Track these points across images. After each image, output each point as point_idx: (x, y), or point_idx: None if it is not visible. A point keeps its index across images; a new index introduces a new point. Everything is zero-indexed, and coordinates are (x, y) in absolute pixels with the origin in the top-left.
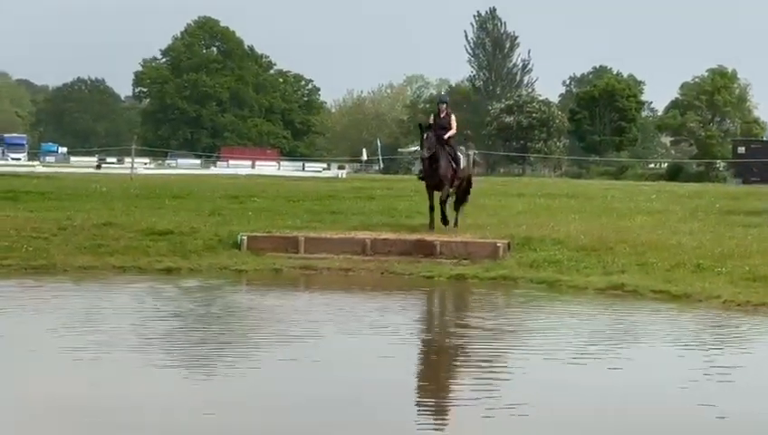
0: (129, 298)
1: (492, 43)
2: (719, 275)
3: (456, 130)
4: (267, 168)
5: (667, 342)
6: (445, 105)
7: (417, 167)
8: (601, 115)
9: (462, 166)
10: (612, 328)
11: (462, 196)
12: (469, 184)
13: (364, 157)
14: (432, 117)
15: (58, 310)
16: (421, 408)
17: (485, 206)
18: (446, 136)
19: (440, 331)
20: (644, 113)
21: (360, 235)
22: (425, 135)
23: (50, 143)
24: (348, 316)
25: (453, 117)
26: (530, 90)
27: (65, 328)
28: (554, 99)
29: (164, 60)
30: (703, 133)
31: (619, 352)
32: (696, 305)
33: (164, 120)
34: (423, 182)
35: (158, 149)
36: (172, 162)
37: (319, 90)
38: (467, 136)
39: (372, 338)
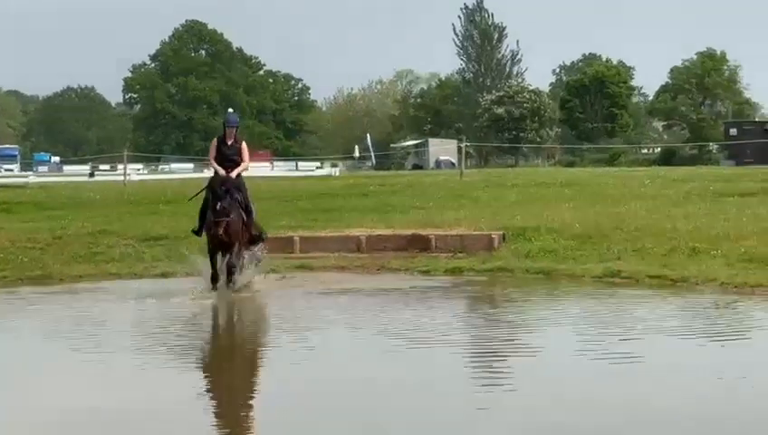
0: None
1: (480, 35)
2: (715, 258)
3: (249, 161)
4: (260, 168)
5: None
6: (234, 129)
7: (411, 161)
8: (592, 102)
9: (254, 216)
10: None
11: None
12: (260, 238)
13: (357, 153)
14: (215, 144)
15: None
16: None
17: (479, 198)
18: (234, 173)
19: None
20: (635, 99)
21: (355, 232)
22: (213, 203)
23: (42, 153)
24: None
25: (244, 145)
26: (520, 80)
27: None
28: (545, 88)
29: (153, 65)
30: (694, 116)
31: None
32: (697, 290)
33: (155, 126)
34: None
35: (150, 154)
36: (165, 167)
37: (309, 89)
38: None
39: None
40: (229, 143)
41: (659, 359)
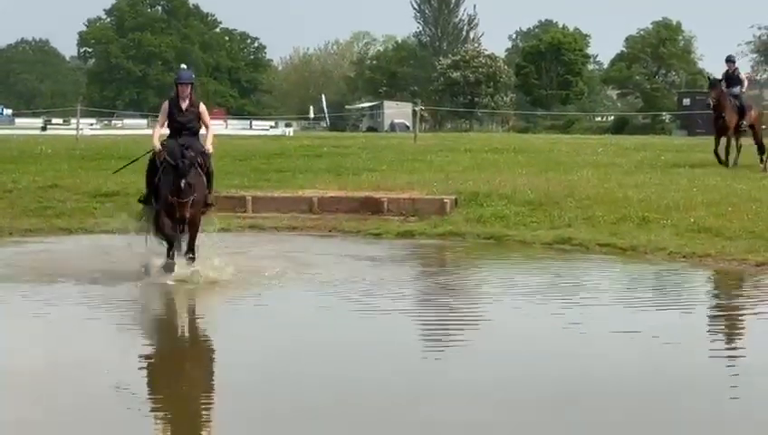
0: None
1: None
2: (664, 228)
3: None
4: (214, 127)
5: None
6: (189, 88)
7: (366, 123)
8: (548, 69)
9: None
10: None
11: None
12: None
13: (311, 114)
14: (165, 108)
15: None
16: None
17: (432, 162)
18: (209, 146)
19: None
20: (590, 67)
21: (308, 193)
22: (176, 180)
23: None
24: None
25: (203, 107)
26: (476, 45)
27: None
28: (501, 54)
29: (108, 20)
30: (648, 86)
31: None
32: (645, 258)
33: (110, 81)
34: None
35: (104, 109)
36: (118, 123)
37: (265, 48)
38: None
39: None
40: (184, 107)
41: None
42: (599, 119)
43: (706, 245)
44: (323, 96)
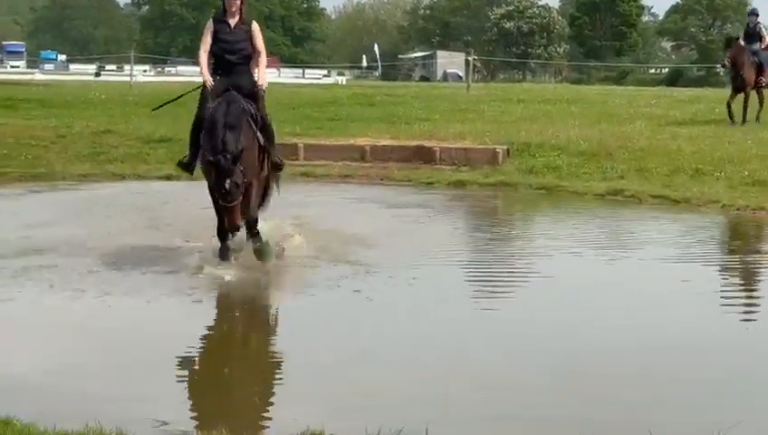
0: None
1: None
2: (718, 180)
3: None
4: (267, 74)
5: None
6: (239, 1)
7: (418, 73)
8: (602, 20)
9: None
10: None
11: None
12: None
13: (364, 63)
14: (210, 27)
15: None
16: None
17: (485, 112)
18: (260, 79)
19: None
20: (645, 18)
21: (360, 141)
22: (216, 157)
23: (49, 51)
24: None
25: (256, 27)
26: None
27: None
28: (554, 4)
29: None
30: (703, 38)
31: None
32: (698, 210)
33: (163, 28)
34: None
35: (157, 56)
36: (172, 69)
37: None
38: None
39: None
40: (232, 24)
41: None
42: (653, 71)
43: (760, 197)
44: (376, 45)
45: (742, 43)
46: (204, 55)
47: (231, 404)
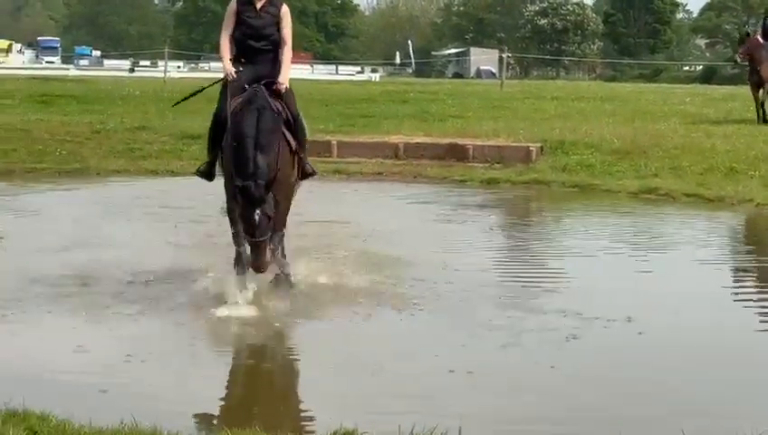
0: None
1: None
2: (752, 179)
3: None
4: (301, 71)
5: None
6: None
7: (452, 70)
8: (636, 17)
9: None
10: None
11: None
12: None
13: (397, 60)
14: (233, 9)
15: None
16: None
17: (518, 109)
18: (283, 78)
19: None
20: (679, 15)
21: (393, 138)
22: (244, 184)
23: (83, 46)
24: None
25: (286, 10)
26: None
27: None
28: (589, 1)
29: None
30: (738, 35)
31: None
32: (732, 209)
33: (197, 24)
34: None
35: (191, 52)
36: (205, 66)
37: None
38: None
39: None
40: (259, 5)
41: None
42: (687, 68)
43: None
44: (410, 42)
45: (759, 39)
46: (225, 42)
47: (265, 402)
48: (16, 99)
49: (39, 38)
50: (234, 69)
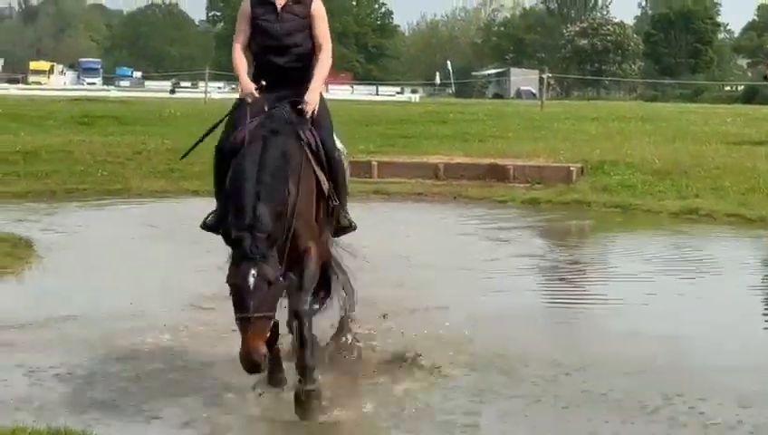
0: None
1: None
2: None
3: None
4: (340, 91)
5: None
6: None
7: (492, 90)
8: (677, 37)
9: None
10: None
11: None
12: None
13: (437, 80)
14: (246, 10)
15: None
16: None
17: (558, 130)
18: (312, 94)
19: None
20: (720, 35)
21: (433, 159)
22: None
23: (124, 68)
24: None
25: (318, 5)
26: (604, 12)
27: None
28: (629, 21)
29: None
30: None
31: None
32: None
33: None
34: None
35: (232, 73)
36: None
37: (392, 13)
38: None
39: None
40: (280, 5)
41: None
42: (728, 88)
43: None
44: (449, 62)
45: None
46: (239, 54)
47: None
48: (58, 120)
49: (80, 59)
50: (254, 86)
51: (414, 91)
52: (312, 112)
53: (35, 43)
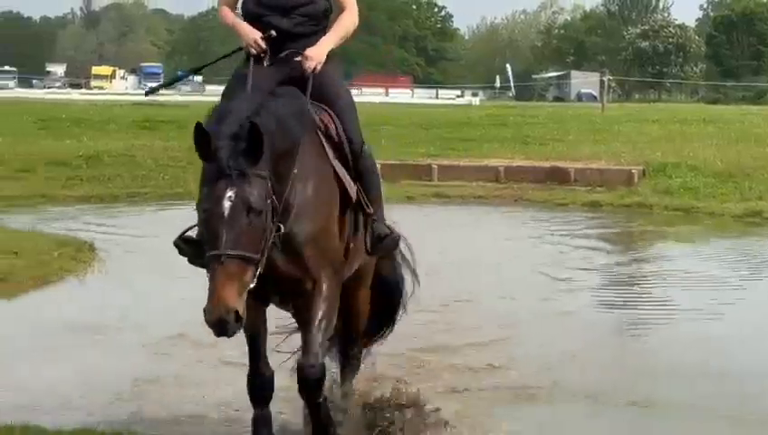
0: None
1: None
2: None
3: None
4: (400, 95)
5: None
6: None
7: (552, 93)
8: (739, 39)
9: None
10: None
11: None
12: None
13: (497, 84)
14: None
15: None
16: None
17: (620, 132)
18: (312, 53)
19: None
20: None
21: (494, 162)
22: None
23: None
24: None
25: None
26: (665, 14)
27: None
28: (691, 23)
29: None
30: None
31: None
32: None
33: None
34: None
35: None
36: None
37: (452, 16)
38: (601, 62)
39: None
40: None
41: None
42: None
43: None
44: (509, 66)
45: None
46: (227, 10)
47: None
48: (120, 124)
49: (142, 64)
50: (259, 34)
51: (474, 95)
52: (314, 70)
53: (97, 49)
